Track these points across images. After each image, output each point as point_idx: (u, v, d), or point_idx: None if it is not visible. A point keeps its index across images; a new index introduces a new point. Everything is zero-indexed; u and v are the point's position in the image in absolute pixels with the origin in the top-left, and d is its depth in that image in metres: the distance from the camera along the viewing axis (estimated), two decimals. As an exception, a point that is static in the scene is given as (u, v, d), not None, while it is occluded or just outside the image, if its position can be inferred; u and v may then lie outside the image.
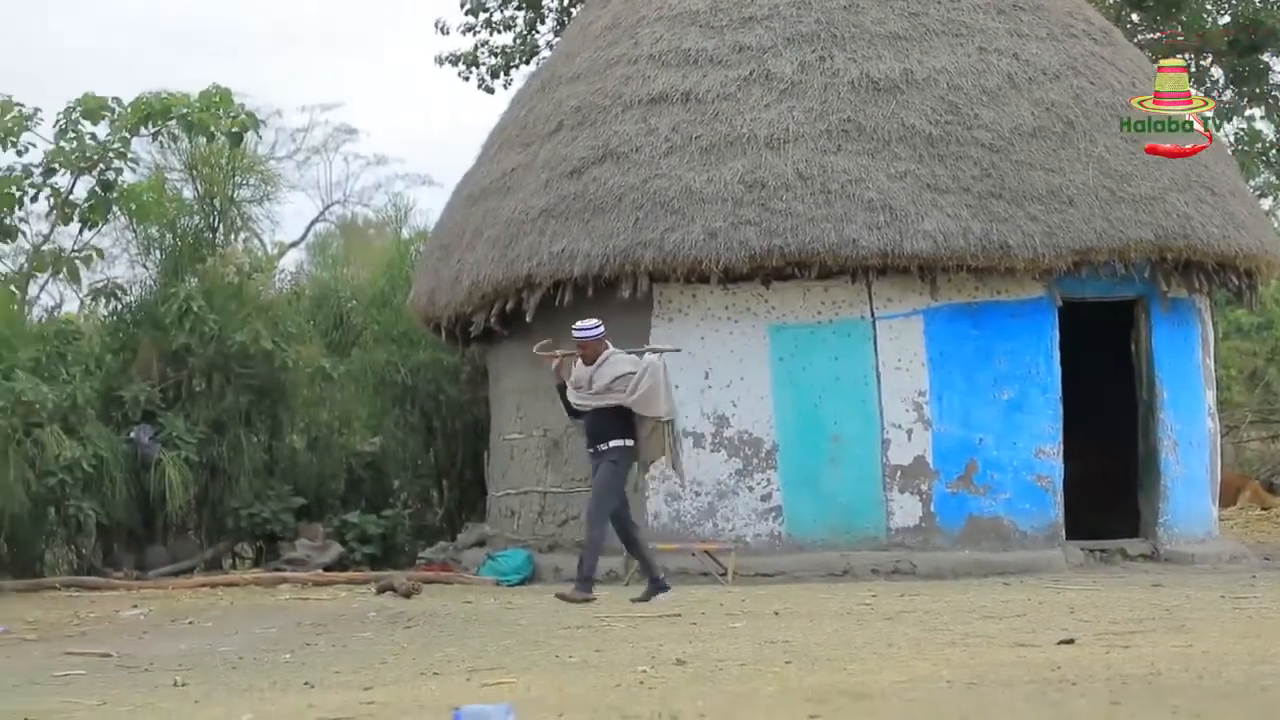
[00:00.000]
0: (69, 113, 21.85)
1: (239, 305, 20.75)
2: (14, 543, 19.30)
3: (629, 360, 14.25)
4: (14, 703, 8.13)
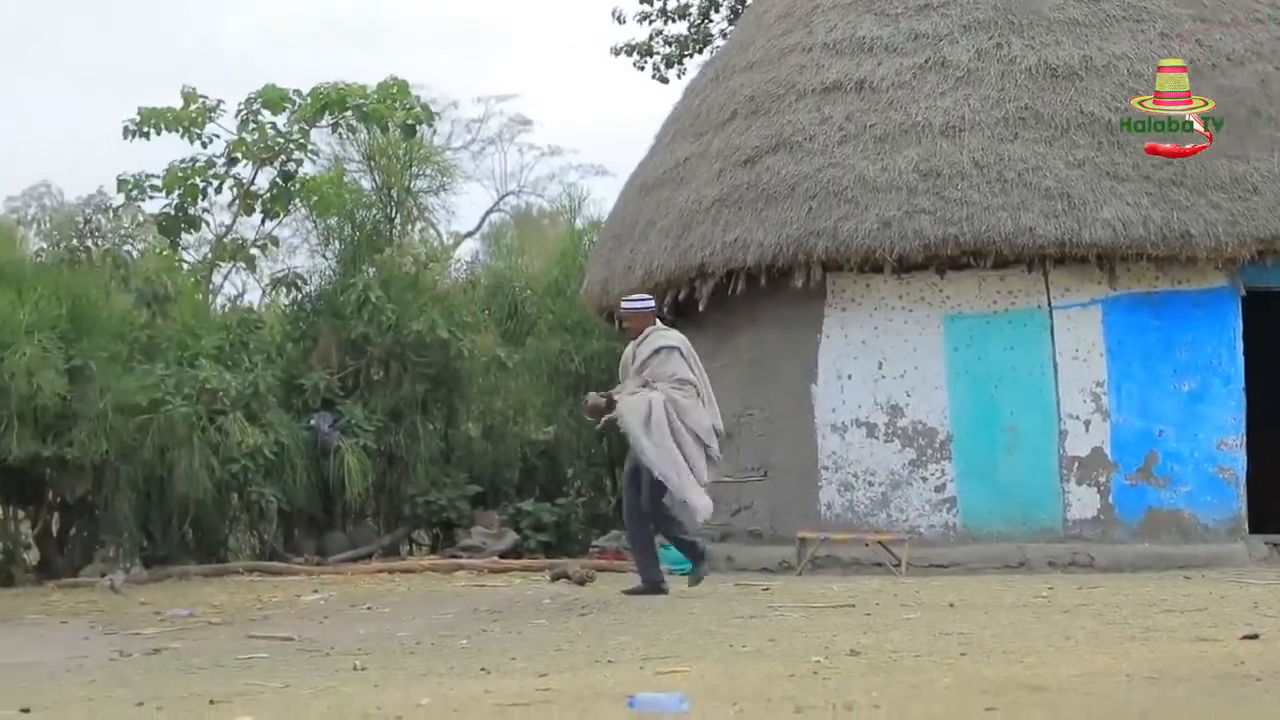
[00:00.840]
0: (250, 104, 22.27)
1: (415, 295, 21.00)
2: (199, 528, 19.71)
3: (672, 335, 13.34)
4: (200, 685, 8.31)
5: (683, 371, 12.82)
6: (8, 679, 9.24)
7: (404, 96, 22.24)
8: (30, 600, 16.30)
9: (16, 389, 17.62)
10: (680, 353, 12.90)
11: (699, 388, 12.88)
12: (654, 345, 12.98)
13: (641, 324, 13.27)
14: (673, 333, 13.30)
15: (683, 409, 12.63)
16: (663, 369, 12.83)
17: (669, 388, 12.66)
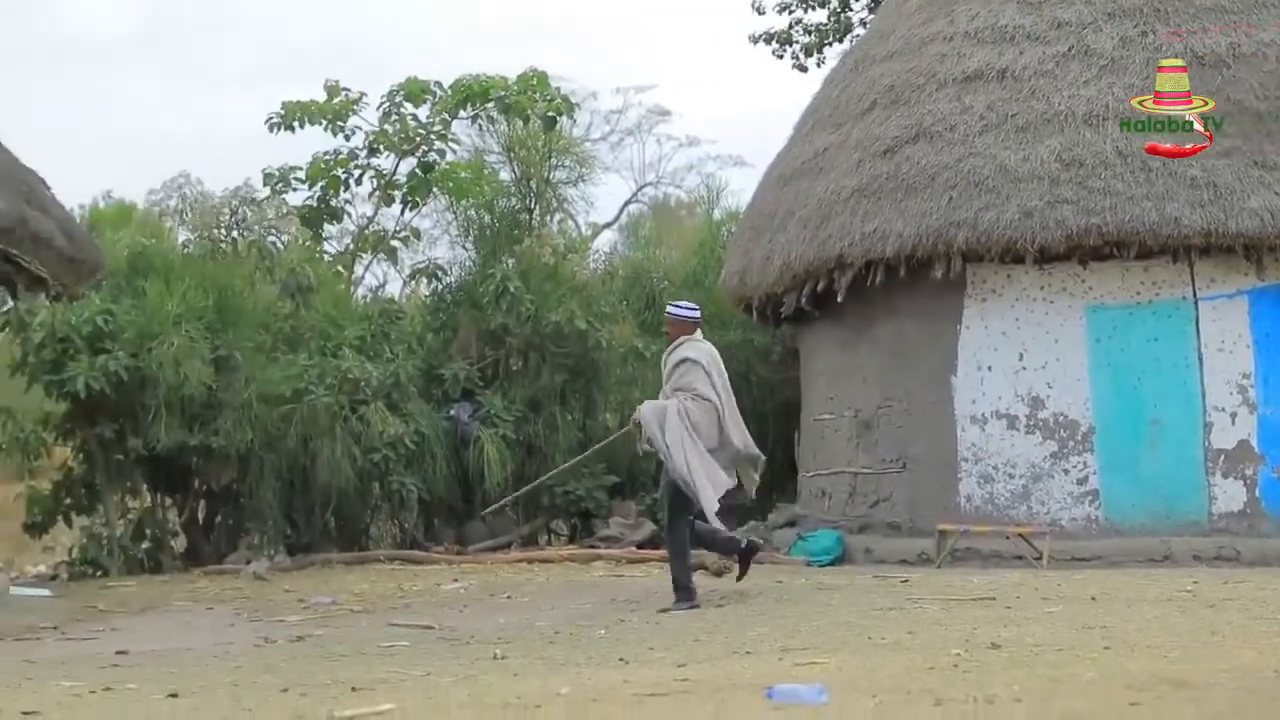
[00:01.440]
0: (392, 96, 22.51)
1: (554, 285, 21.08)
2: (341, 517, 19.93)
3: (701, 350, 12.87)
4: (343, 672, 8.40)
5: (703, 388, 12.56)
6: (156, 664, 9.40)
7: (544, 88, 22.36)
8: (177, 587, 16.57)
9: (164, 378, 17.92)
10: (703, 367, 12.61)
11: (719, 406, 12.62)
12: (680, 356, 12.73)
13: (678, 331, 12.94)
14: (703, 346, 12.94)
15: (694, 423, 12.46)
16: (683, 380, 12.61)
17: (686, 399, 12.52)
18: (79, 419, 18.83)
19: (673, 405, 12.42)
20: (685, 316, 12.96)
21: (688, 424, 12.39)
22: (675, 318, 13.00)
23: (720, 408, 12.54)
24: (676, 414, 12.37)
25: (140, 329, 18.33)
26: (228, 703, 7.12)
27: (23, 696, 7.53)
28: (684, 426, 12.36)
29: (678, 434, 12.31)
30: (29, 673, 8.90)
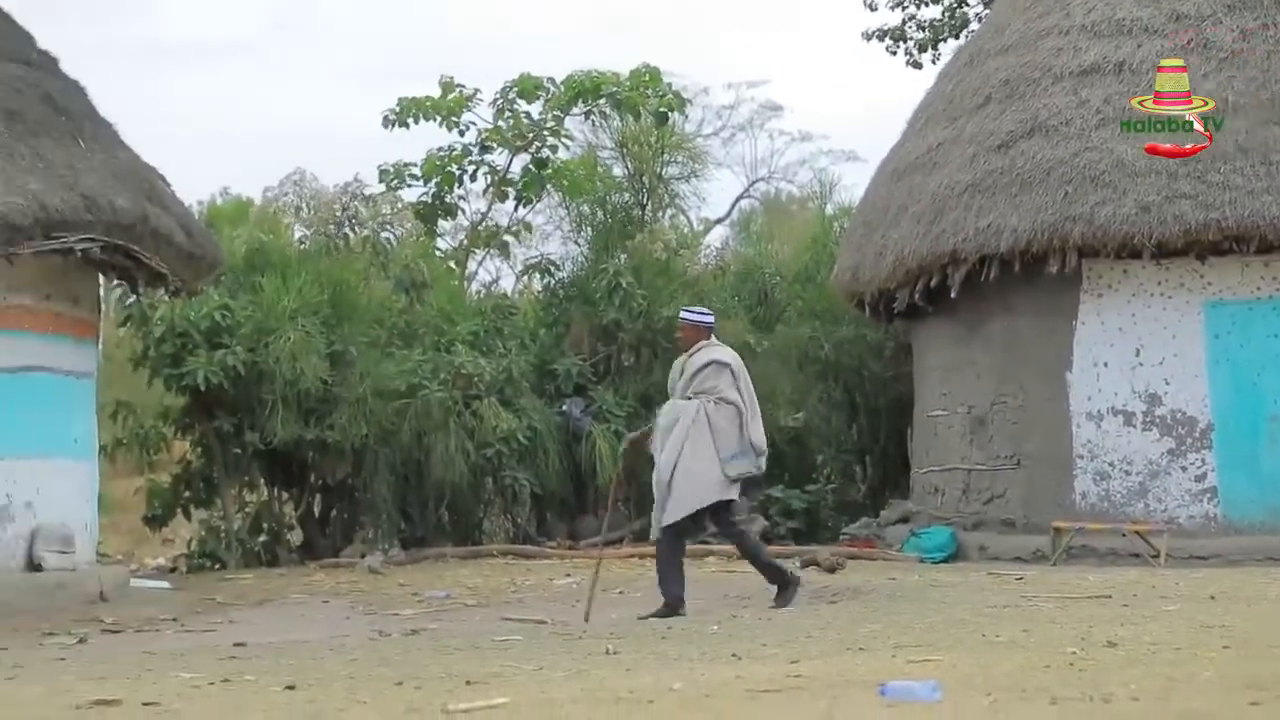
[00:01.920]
0: (506, 92, 22.62)
1: (666, 281, 21.10)
2: (454, 511, 20.05)
3: (726, 353, 12.59)
4: (457, 665, 8.44)
5: (728, 391, 12.22)
6: (273, 657, 9.50)
7: (656, 84, 22.40)
8: (294, 580, 16.74)
9: (281, 373, 18.11)
10: (731, 370, 12.32)
11: (741, 407, 12.28)
12: (705, 359, 12.37)
13: (695, 337, 12.58)
14: (727, 350, 12.69)
15: (715, 426, 12.17)
16: (709, 383, 12.26)
17: (709, 402, 12.22)
18: (198, 413, 19.07)
19: (693, 407, 12.19)
20: (699, 322, 12.67)
21: (708, 428, 12.12)
22: (690, 323, 12.69)
23: (744, 411, 12.30)
24: (692, 419, 12.12)
25: (257, 324, 18.53)
26: (343, 695, 7.17)
27: (143, 688, 7.63)
28: (697, 431, 12.10)
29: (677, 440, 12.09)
30: (149, 664, 9.02)
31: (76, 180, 14.12)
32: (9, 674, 8.63)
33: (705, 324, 12.64)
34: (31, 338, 14.40)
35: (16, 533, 14.07)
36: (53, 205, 13.67)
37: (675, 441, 12.13)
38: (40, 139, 14.30)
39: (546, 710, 6.50)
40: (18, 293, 14.19)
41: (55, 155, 14.24)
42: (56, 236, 13.77)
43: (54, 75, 15.41)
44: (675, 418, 12.19)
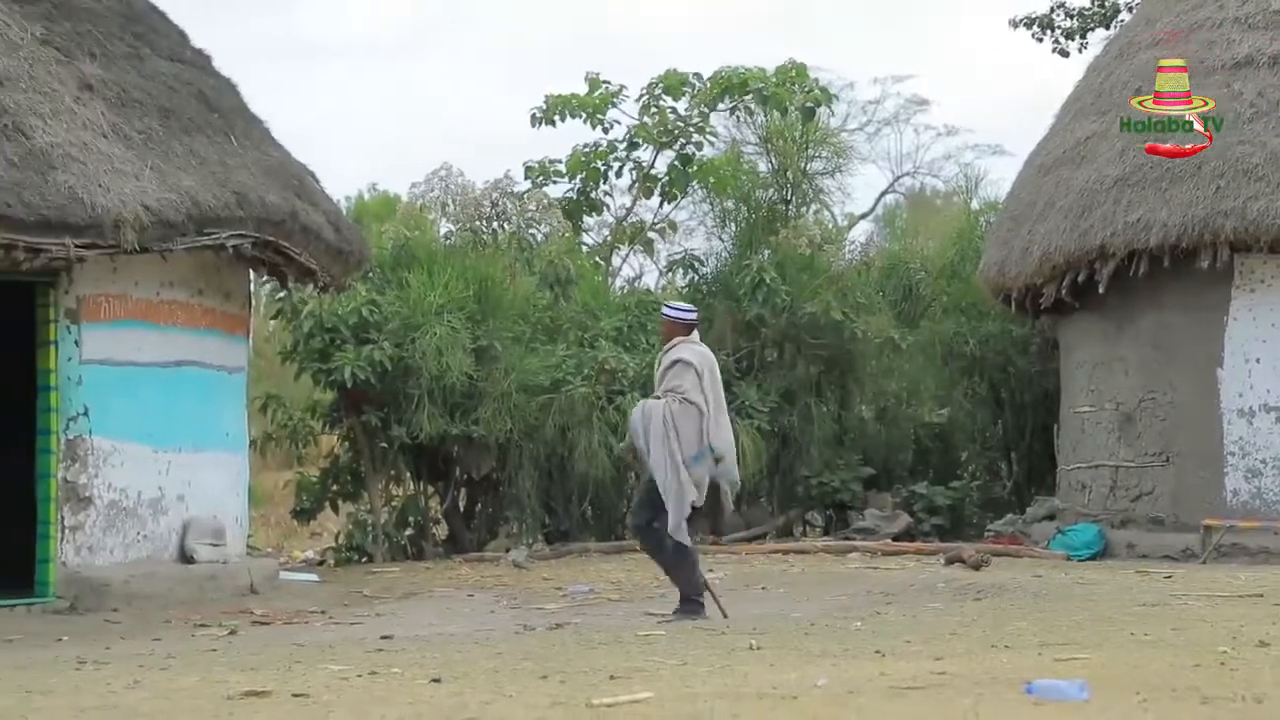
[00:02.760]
0: (651, 88, 22.69)
1: (810, 276, 21.05)
2: (598, 506, 20.12)
3: (695, 352, 12.16)
4: (601, 660, 8.49)
5: (691, 391, 11.89)
6: (419, 649, 9.60)
7: (802, 79, 22.37)
8: (439, 574, 16.89)
9: (427, 368, 18.27)
10: (695, 370, 11.97)
11: (703, 408, 11.90)
12: (673, 358, 12.09)
13: (671, 332, 12.34)
14: (698, 349, 12.27)
15: (678, 428, 11.82)
16: (674, 382, 11.98)
17: (674, 401, 11.90)
18: (345, 407, 19.29)
19: (660, 407, 11.94)
20: (679, 318, 12.37)
21: (673, 429, 11.82)
22: (669, 319, 12.46)
23: (706, 413, 11.92)
24: (662, 420, 11.85)
25: (404, 319, 18.72)
26: (488, 688, 7.24)
27: (292, 679, 7.75)
28: (668, 433, 11.82)
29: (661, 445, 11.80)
30: (298, 656, 9.15)
31: (228, 177, 14.34)
32: (163, 664, 8.80)
33: (684, 320, 12.32)
34: (184, 332, 14.63)
35: (169, 525, 14.30)
36: (205, 202, 13.89)
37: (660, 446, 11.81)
38: (194, 136, 14.54)
39: (689, 705, 6.52)
40: (171, 288, 14.43)
41: (208, 152, 14.47)
42: (209, 232, 13.99)
43: (207, 73, 15.65)
44: (648, 421, 11.90)
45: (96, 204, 13.04)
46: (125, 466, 13.86)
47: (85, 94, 13.95)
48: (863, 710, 6.31)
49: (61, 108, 13.62)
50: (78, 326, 13.66)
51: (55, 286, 13.54)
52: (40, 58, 13.93)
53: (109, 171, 13.38)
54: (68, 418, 13.57)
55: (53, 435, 13.57)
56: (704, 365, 12.02)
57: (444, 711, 6.48)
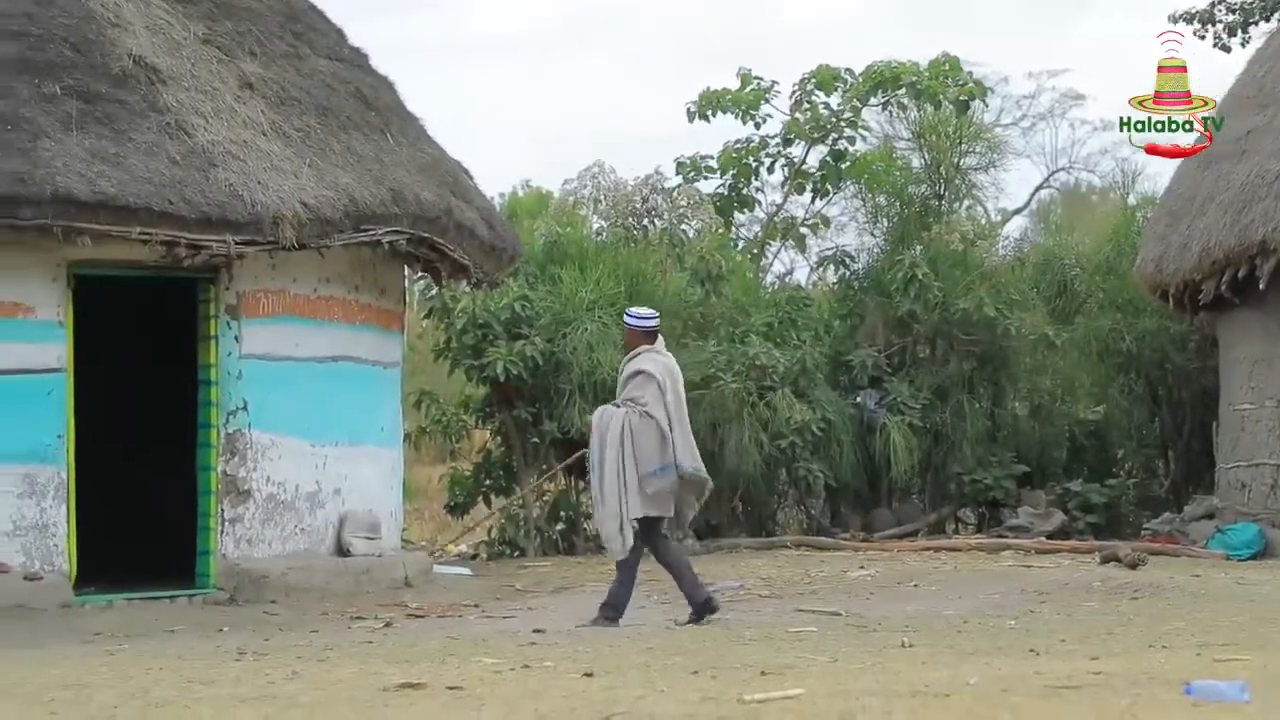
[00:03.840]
0: (804, 84, 22.67)
1: (963, 272, 20.90)
2: (748, 502, 20.13)
3: (656, 362, 11.81)
4: (751, 655, 8.49)
5: (653, 405, 11.59)
6: (571, 644, 9.66)
7: (956, 73, 22.21)
8: (590, 569, 16.95)
9: (578, 363, 18.36)
10: (656, 381, 11.62)
11: (663, 423, 11.56)
12: (634, 369, 11.77)
13: (634, 341, 12.01)
14: (659, 359, 11.91)
15: (637, 440, 11.53)
16: (634, 393, 11.68)
17: (634, 414, 11.58)
18: (497, 402, 19.44)
19: (619, 416, 11.64)
20: (639, 325, 12.01)
21: (629, 442, 11.54)
22: (631, 327, 12.12)
23: (668, 426, 11.62)
24: (620, 431, 11.56)
25: (555, 315, 18.83)
26: (640, 683, 7.26)
27: (447, 672, 7.83)
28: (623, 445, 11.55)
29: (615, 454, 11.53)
30: (452, 649, 9.24)
31: (384, 174, 14.51)
32: (321, 656, 8.92)
33: (645, 327, 11.96)
34: (341, 328, 14.81)
35: (326, 519, 14.48)
36: (362, 199, 14.06)
37: (613, 461, 11.53)
38: (351, 134, 14.73)
39: (841, 702, 6.50)
40: (328, 284, 14.62)
41: (365, 149, 14.65)
42: (365, 229, 14.16)
43: (364, 71, 15.84)
44: (606, 428, 11.63)
45: (256, 201, 13.26)
46: (283, 460, 14.06)
47: (246, 92, 14.19)
48: (1017, 709, 6.25)
49: (223, 106, 13.87)
50: (237, 322, 13.89)
51: (216, 282, 13.77)
52: (202, 57, 14.20)
53: (268, 169, 13.60)
54: (227, 412, 13.81)
55: (213, 429, 13.81)
56: (666, 376, 11.69)
57: (596, 705, 6.51)
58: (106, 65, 13.46)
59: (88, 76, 13.31)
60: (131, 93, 13.42)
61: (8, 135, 12.61)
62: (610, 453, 11.50)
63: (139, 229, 12.83)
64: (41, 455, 12.97)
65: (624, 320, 12.44)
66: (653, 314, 12.26)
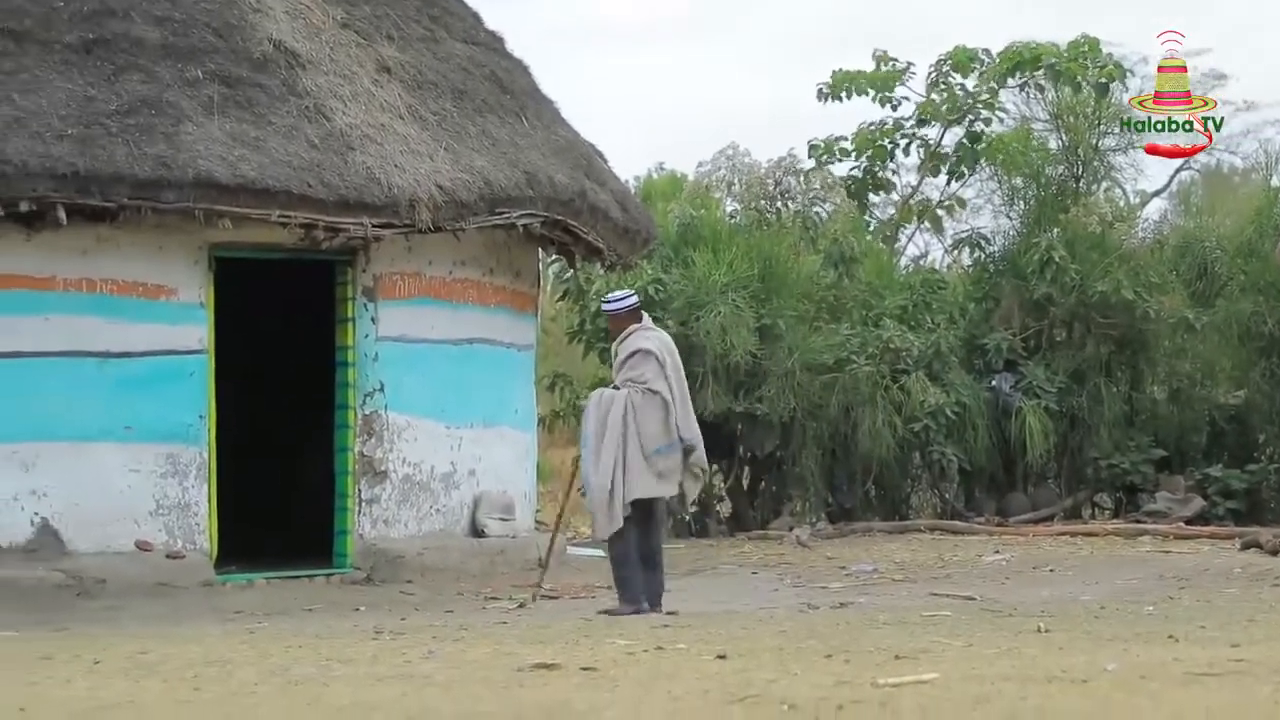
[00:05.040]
0: (939, 65, 22.51)
1: (1100, 255, 20.64)
2: (881, 485, 20.06)
3: (651, 339, 11.64)
4: (886, 640, 8.46)
5: (654, 380, 11.38)
6: (704, 626, 9.67)
7: (1095, 54, 21.92)
8: (723, 551, 17.00)
9: (711, 346, 18.37)
10: (656, 358, 11.43)
11: (667, 397, 11.39)
12: (631, 348, 11.53)
13: (620, 325, 11.76)
14: (654, 335, 11.76)
15: (640, 418, 11.33)
16: (634, 372, 11.44)
17: (636, 392, 11.36)
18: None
19: (621, 398, 11.42)
20: (620, 308, 11.76)
21: (633, 422, 11.33)
22: (611, 312, 11.91)
23: (672, 401, 11.44)
24: (622, 413, 11.34)
25: (689, 298, 18.85)
26: (773, 666, 7.26)
27: (581, 652, 7.87)
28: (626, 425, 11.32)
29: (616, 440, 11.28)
30: (586, 630, 9.29)
31: (519, 157, 14.59)
32: (456, 635, 9.00)
33: (627, 308, 11.76)
34: (476, 310, 14.92)
35: (461, 500, 14.60)
36: (497, 181, 14.15)
37: (612, 441, 11.31)
38: (486, 117, 14.82)
39: (976, 687, 6.46)
40: (463, 266, 14.73)
41: (500, 133, 14.74)
42: (500, 212, 14.24)
43: (499, 54, 15.93)
44: (606, 409, 11.40)
45: (393, 184, 13.39)
46: (419, 442, 14.19)
47: (383, 76, 14.33)
48: (1156, 696, 6.19)
49: (360, 90, 14.01)
50: (374, 304, 14.03)
51: (353, 265, 13.92)
52: (341, 41, 14.35)
53: (405, 152, 13.72)
54: (364, 393, 13.96)
55: (349, 410, 13.97)
56: (664, 351, 11.54)
57: (729, 688, 6.52)
58: (247, 50, 13.64)
59: (229, 61, 13.49)
60: (271, 77, 13.59)
61: (151, 119, 12.80)
62: (611, 433, 11.29)
63: (278, 212, 12.99)
64: (183, 435, 13.19)
65: (603, 309, 12.14)
66: (629, 293, 12.13)
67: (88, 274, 12.97)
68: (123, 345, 13.05)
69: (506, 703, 6.32)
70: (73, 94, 12.74)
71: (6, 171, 12.20)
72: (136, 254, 13.09)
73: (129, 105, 12.81)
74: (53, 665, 7.81)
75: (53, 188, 12.35)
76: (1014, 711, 5.94)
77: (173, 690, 6.86)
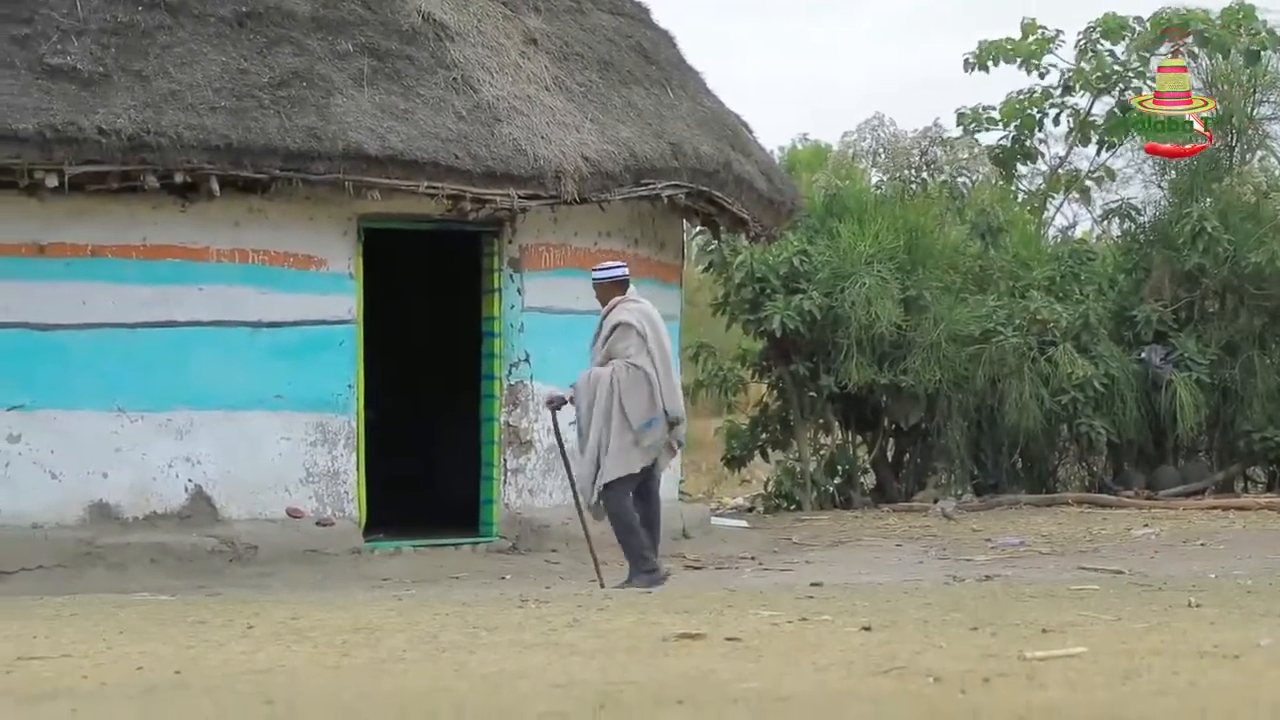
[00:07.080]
0: (1089, 33, 22.22)
1: (1255, 226, 20.27)
2: (1028, 458, 19.89)
3: (633, 312, 11.45)
4: (1032, 613, 8.39)
5: (636, 355, 11.21)
6: (849, 597, 9.66)
7: (1249, 21, 21.52)
8: (867, 523, 16.95)
9: (856, 318, 18.30)
10: (637, 331, 11.26)
11: (649, 372, 11.21)
12: (613, 321, 11.39)
13: (607, 295, 11.58)
14: (636, 308, 11.52)
15: (625, 392, 11.16)
16: (618, 346, 11.28)
17: (620, 368, 11.19)
18: (775, 357, 19.48)
19: (606, 375, 11.28)
20: (607, 278, 11.59)
21: (617, 399, 11.19)
22: (598, 280, 11.68)
23: (655, 375, 11.27)
24: (609, 389, 11.21)
25: (834, 269, 18.78)
26: (918, 638, 7.24)
27: (725, 623, 7.89)
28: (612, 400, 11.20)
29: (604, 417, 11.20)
30: (730, 600, 9.30)
31: (664, 128, 14.60)
32: (600, 605, 9.06)
33: (614, 278, 11.59)
34: (621, 281, 14.94)
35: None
36: (642, 153, 14.17)
37: (600, 418, 11.23)
38: (631, 88, 14.85)
39: (1125, 661, 6.41)
40: (608, 238, 14.77)
41: (645, 104, 14.76)
42: (645, 183, 14.26)
43: (645, 25, 15.94)
44: (594, 388, 11.31)
45: (539, 155, 13.45)
46: (564, 412, 14.24)
47: (530, 48, 14.39)
48: (1311, 672, 6.11)
49: (507, 62, 14.08)
50: (520, 275, 14.12)
51: (499, 236, 14.02)
52: (488, 13, 14.43)
53: (551, 124, 13.78)
54: (510, 364, 14.06)
55: (495, 380, 14.08)
56: (645, 323, 11.38)
57: (874, 660, 6.51)
58: (396, 22, 13.75)
59: (378, 33, 13.61)
60: (420, 49, 13.70)
61: (302, 91, 12.95)
62: (599, 408, 11.24)
63: (426, 183, 13.10)
64: (333, 404, 13.35)
65: (592, 280, 11.94)
66: (618, 264, 11.99)
67: (240, 245, 13.15)
68: (273, 315, 13.22)
69: (651, 672, 6.35)
70: (226, 67, 12.89)
71: (162, 144, 12.37)
72: (287, 225, 13.26)
73: (280, 78, 12.96)
74: (208, 629, 7.96)
75: (206, 160, 12.52)
76: (1165, 686, 5.89)
77: (323, 655, 6.97)
